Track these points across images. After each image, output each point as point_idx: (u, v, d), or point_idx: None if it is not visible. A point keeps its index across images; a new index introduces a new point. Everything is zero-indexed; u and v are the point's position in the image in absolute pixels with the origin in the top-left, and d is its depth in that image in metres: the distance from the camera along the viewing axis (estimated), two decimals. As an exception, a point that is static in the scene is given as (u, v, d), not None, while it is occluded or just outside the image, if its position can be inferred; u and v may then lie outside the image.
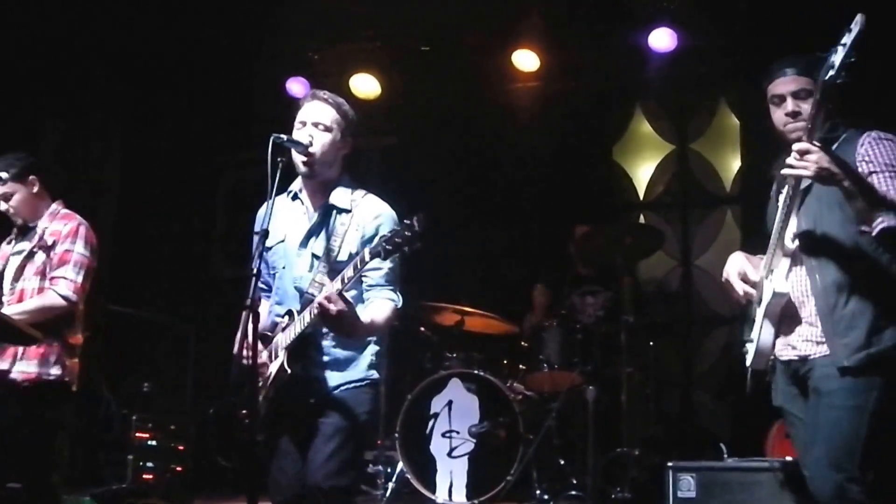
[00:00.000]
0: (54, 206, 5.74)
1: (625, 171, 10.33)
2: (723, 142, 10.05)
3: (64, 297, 5.41)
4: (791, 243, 4.21)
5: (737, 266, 4.42)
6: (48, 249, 5.52)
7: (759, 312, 4.29)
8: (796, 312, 4.21)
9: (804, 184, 4.13)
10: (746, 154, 9.66)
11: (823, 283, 4.12)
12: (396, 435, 7.60)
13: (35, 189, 5.69)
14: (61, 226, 5.60)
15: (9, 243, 5.76)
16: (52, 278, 5.46)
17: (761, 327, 4.26)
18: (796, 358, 4.20)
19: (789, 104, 4.21)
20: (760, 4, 8.35)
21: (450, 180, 10.14)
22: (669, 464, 6.24)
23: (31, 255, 5.55)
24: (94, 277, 5.63)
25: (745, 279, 4.39)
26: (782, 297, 4.20)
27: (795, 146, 3.91)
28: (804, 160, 3.88)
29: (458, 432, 7.57)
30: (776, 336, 4.27)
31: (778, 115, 4.27)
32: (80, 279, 5.47)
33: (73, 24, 8.88)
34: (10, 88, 8.75)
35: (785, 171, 3.99)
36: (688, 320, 9.86)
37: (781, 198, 4.25)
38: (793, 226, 4.20)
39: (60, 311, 5.43)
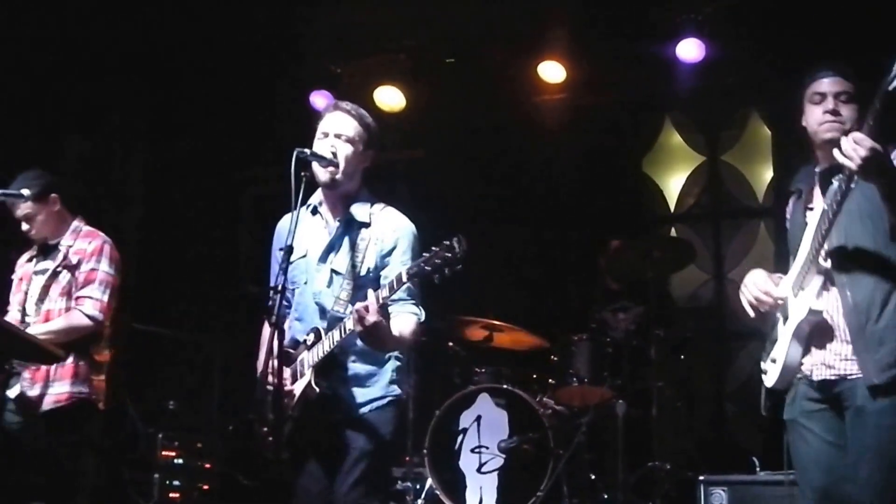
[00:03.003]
0: (76, 223, 5.72)
1: (655, 184, 10.24)
2: (755, 153, 9.92)
3: (90, 317, 5.41)
4: (824, 261, 4.11)
5: (760, 281, 4.29)
6: (73, 269, 5.51)
7: (786, 331, 4.17)
8: (830, 330, 4.08)
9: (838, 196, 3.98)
10: (778, 165, 9.51)
11: (854, 299, 4.01)
12: (425, 451, 7.55)
13: (56, 208, 5.66)
14: (86, 244, 5.57)
15: (29, 261, 5.73)
16: (77, 298, 5.46)
17: (789, 346, 4.14)
18: (833, 377, 4.07)
19: (829, 102, 4.15)
20: (789, 15, 8.24)
21: (477, 193, 10.07)
22: (701, 478, 6.30)
23: (55, 274, 5.53)
24: (119, 295, 5.61)
25: (766, 296, 4.26)
26: (817, 314, 4.07)
27: (852, 135, 3.79)
28: (856, 146, 3.74)
29: (487, 447, 7.51)
30: (804, 354, 4.15)
31: (815, 114, 4.20)
32: (105, 298, 5.47)
33: (95, 39, 8.88)
34: (32, 103, 8.77)
35: (837, 155, 3.83)
36: (720, 334, 9.75)
37: (811, 214, 4.19)
38: (828, 241, 4.07)
39: (87, 331, 5.43)
